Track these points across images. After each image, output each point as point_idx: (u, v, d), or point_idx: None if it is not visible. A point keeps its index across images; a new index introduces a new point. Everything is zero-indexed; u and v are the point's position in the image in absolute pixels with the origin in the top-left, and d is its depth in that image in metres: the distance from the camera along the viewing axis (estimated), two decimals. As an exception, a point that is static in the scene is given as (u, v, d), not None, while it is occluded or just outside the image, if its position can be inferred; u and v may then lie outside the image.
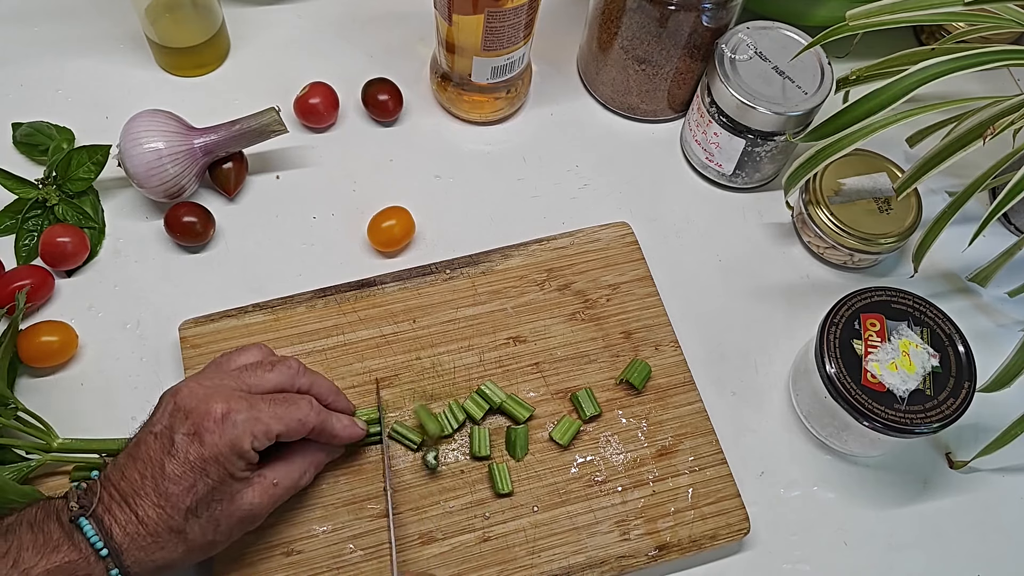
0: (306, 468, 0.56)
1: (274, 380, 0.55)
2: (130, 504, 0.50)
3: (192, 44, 0.76)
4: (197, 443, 0.50)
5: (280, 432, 0.53)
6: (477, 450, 0.61)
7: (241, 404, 0.52)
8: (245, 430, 0.51)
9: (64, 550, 0.48)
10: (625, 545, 0.60)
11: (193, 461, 0.50)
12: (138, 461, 0.51)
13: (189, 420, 0.51)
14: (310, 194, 0.74)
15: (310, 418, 0.55)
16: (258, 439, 0.52)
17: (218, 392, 0.52)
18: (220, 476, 0.51)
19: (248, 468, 0.52)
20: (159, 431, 0.51)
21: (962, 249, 0.66)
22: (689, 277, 0.72)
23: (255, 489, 0.53)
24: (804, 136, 0.66)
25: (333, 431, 0.57)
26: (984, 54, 0.61)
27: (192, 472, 0.50)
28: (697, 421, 0.64)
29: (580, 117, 0.80)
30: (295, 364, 0.57)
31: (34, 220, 0.69)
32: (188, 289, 0.69)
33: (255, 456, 0.52)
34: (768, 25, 0.72)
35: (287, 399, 0.55)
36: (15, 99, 0.76)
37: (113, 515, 0.49)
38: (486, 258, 0.69)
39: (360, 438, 0.59)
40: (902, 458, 0.67)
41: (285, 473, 0.55)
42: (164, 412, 0.52)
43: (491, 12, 0.66)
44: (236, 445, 0.51)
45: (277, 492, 0.54)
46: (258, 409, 0.52)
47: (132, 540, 0.49)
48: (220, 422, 0.51)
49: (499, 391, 0.63)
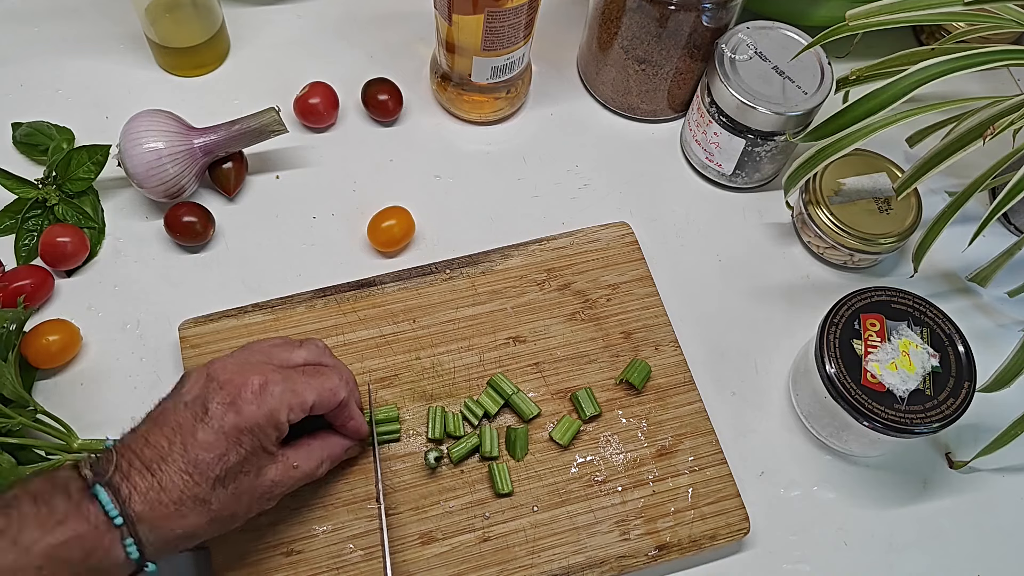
0: (323, 458, 0.56)
1: (303, 356, 0.56)
2: (154, 471, 0.48)
3: (192, 44, 0.76)
4: (233, 412, 0.50)
5: (315, 401, 0.53)
6: (488, 450, 0.61)
7: (276, 376, 0.52)
8: (283, 401, 0.51)
9: (71, 523, 0.46)
10: (625, 545, 0.60)
11: (228, 430, 0.50)
12: (165, 427, 0.50)
13: (224, 390, 0.51)
14: (310, 194, 0.74)
15: (340, 389, 0.55)
16: (294, 410, 0.52)
17: (252, 365, 0.53)
18: (252, 447, 0.51)
19: (277, 442, 0.52)
20: (190, 400, 0.51)
21: (962, 249, 0.66)
22: (689, 277, 0.72)
23: (278, 467, 0.53)
24: (804, 136, 0.66)
25: (352, 412, 0.57)
26: (984, 54, 0.61)
27: (226, 440, 0.50)
28: (697, 421, 0.64)
29: (580, 117, 0.80)
30: (321, 344, 0.58)
31: (34, 220, 0.69)
32: (188, 289, 0.69)
33: (287, 428, 0.52)
34: (768, 25, 0.72)
35: (318, 371, 0.55)
36: (15, 99, 0.76)
37: (132, 482, 0.48)
38: (486, 258, 0.69)
39: (364, 435, 0.60)
40: (902, 458, 0.67)
41: (305, 458, 0.55)
42: (195, 383, 0.52)
43: (491, 12, 0.66)
44: (274, 415, 0.51)
45: (295, 475, 0.54)
46: (293, 380, 0.53)
47: (152, 508, 0.48)
48: (258, 393, 0.51)
49: (509, 382, 0.63)
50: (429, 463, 0.60)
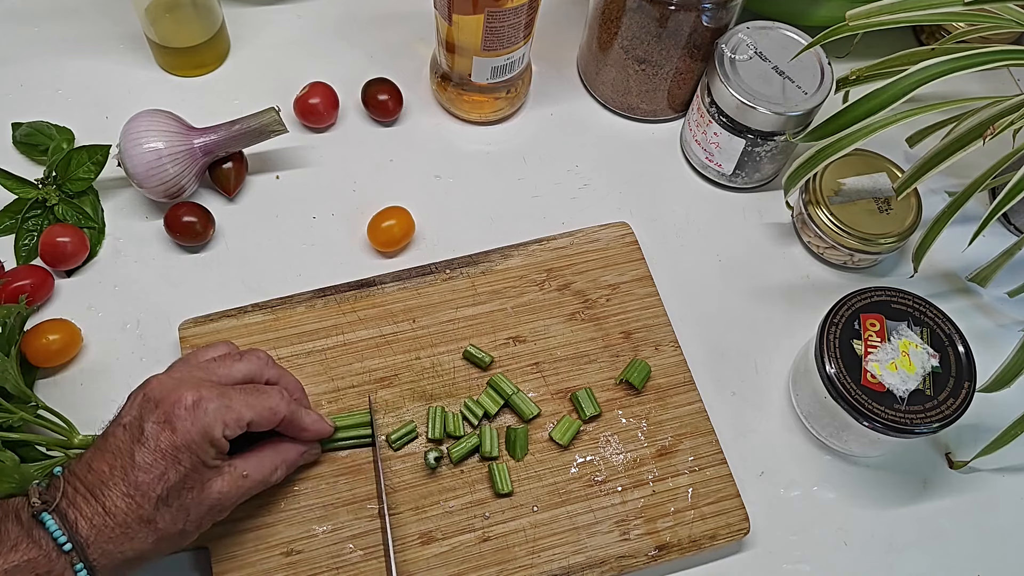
0: (277, 464, 0.56)
1: (243, 369, 0.55)
2: (97, 496, 0.49)
3: (192, 44, 0.76)
4: (168, 430, 0.50)
5: (251, 419, 0.53)
6: (488, 450, 0.61)
7: (212, 392, 0.52)
8: (216, 417, 0.51)
9: (23, 548, 0.47)
10: (625, 545, 0.60)
11: (164, 449, 0.50)
12: (106, 453, 0.50)
13: (159, 409, 0.50)
14: (310, 194, 0.74)
15: (280, 407, 0.55)
16: (229, 426, 0.52)
17: (188, 381, 0.52)
18: (192, 463, 0.50)
19: (219, 457, 0.52)
20: (128, 422, 0.51)
21: (962, 249, 0.66)
22: (689, 277, 0.72)
23: (224, 479, 0.52)
24: (804, 136, 0.66)
25: (302, 424, 0.57)
26: (984, 54, 0.61)
27: (163, 460, 0.50)
28: (697, 421, 0.64)
29: (580, 117, 0.80)
30: (263, 355, 0.57)
31: (34, 220, 0.69)
32: (188, 289, 0.69)
33: (226, 444, 0.52)
34: (768, 25, 0.72)
35: (258, 388, 0.55)
36: (15, 99, 0.76)
37: (78, 508, 0.49)
38: (486, 258, 0.69)
39: (328, 435, 0.59)
40: (902, 458, 0.67)
41: (256, 466, 0.54)
42: (133, 404, 0.52)
43: (491, 12, 0.66)
44: (208, 432, 0.50)
45: (246, 484, 0.54)
46: (229, 397, 0.52)
47: (99, 532, 0.48)
48: (191, 409, 0.50)
49: (509, 382, 0.63)
50: (429, 463, 0.60)
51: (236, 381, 0.55)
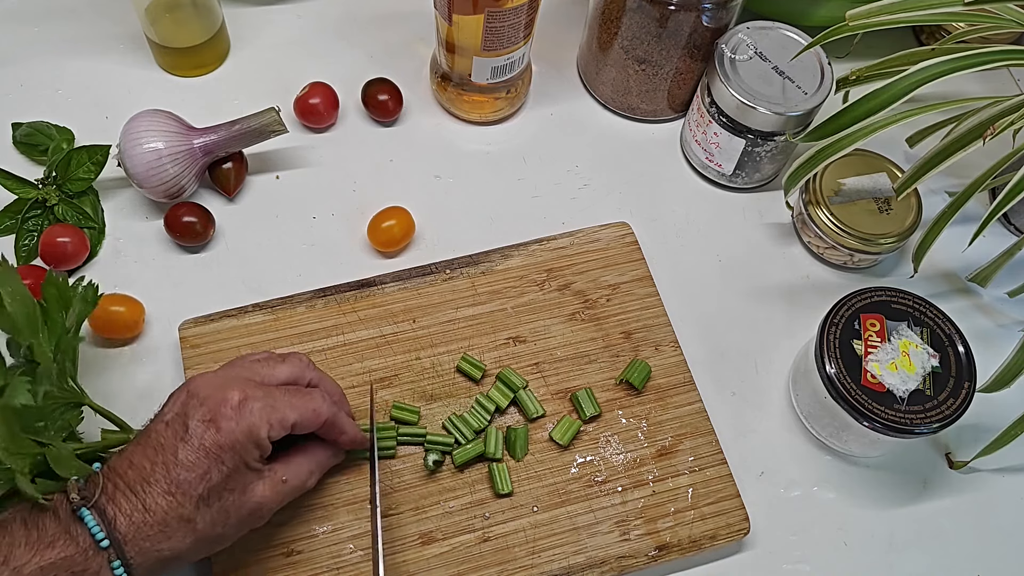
0: (313, 469, 0.56)
1: (286, 371, 0.55)
2: (137, 493, 0.48)
3: (192, 44, 0.76)
4: (213, 429, 0.50)
5: (296, 421, 0.53)
6: (492, 451, 0.61)
7: (257, 392, 0.52)
8: (262, 417, 0.51)
9: (60, 545, 0.46)
10: (625, 545, 0.60)
11: (208, 447, 0.49)
12: (148, 448, 0.50)
13: (204, 407, 0.50)
14: (310, 194, 0.74)
15: (324, 409, 0.54)
16: (274, 428, 0.51)
17: (234, 381, 0.52)
18: (235, 464, 0.50)
19: (261, 459, 0.52)
20: (171, 418, 0.51)
21: (962, 249, 0.66)
22: (689, 277, 0.72)
23: (265, 483, 0.52)
24: (804, 136, 0.66)
25: (343, 427, 0.57)
26: (984, 54, 0.61)
27: (207, 459, 0.49)
28: (697, 421, 0.64)
29: (580, 117, 0.80)
30: (305, 358, 0.57)
31: (34, 220, 0.69)
32: (188, 289, 0.69)
33: (269, 445, 0.52)
34: (768, 25, 0.72)
35: (301, 390, 0.55)
36: (15, 99, 0.76)
37: (118, 504, 0.48)
38: (486, 258, 0.69)
39: (364, 445, 0.59)
40: (902, 458, 0.67)
41: (295, 471, 0.54)
42: (176, 401, 0.52)
43: (491, 12, 0.66)
44: (253, 432, 0.50)
45: (285, 489, 0.54)
46: (274, 398, 0.52)
47: (138, 530, 0.48)
48: (237, 409, 0.50)
49: (519, 376, 0.63)
50: (428, 466, 0.60)
51: (279, 382, 0.55)
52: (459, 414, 0.62)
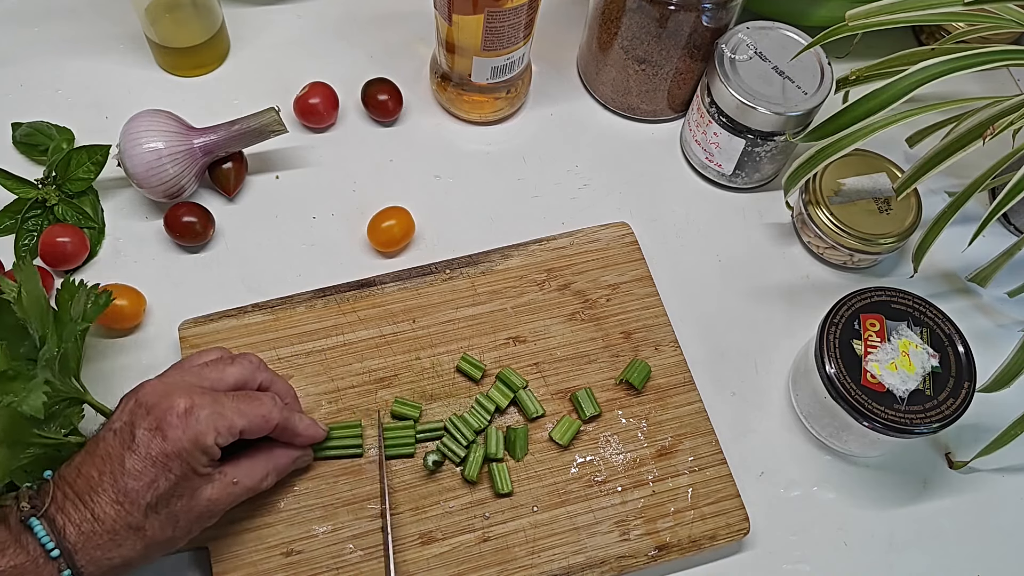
0: (268, 471, 0.56)
1: (235, 374, 0.55)
2: (86, 502, 0.48)
3: (192, 44, 0.76)
4: (159, 438, 0.49)
5: (243, 427, 0.52)
6: (493, 451, 0.61)
7: (204, 399, 0.51)
8: (209, 425, 0.51)
9: (10, 553, 0.47)
10: (625, 545, 0.60)
11: (155, 456, 0.49)
12: (96, 458, 0.50)
13: (151, 415, 0.50)
14: (310, 194, 0.74)
15: (273, 414, 0.54)
16: (221, 434, 0.51)
17: (180, 387, 0.52)
18: (182, 471, 0.50)
19: (210, 464, 0.52)
20: (119, 427, 0.50)
21: (962, 249, 0.66)
22: (689, 277, 0.72)
23: (215, 486, 0.52)
24: (804, 136, 0.66)
25: (295, 429, 0.56)
26: (984, 54, 0.61)
27: (154, 467, 0.49)
28: (697, 421, 0.64)
29: (580, 117, 0.80)
30: (255, 359, 0.57)
31: (34, 220, 0.69)
32: (188, 289, 0.69)
33: (217, 452, 0.52)
34: (768, 25, 0.72)
35: (250, 395, 0.54)
36: (15, 99, 0.76)
37: (67, 514, 0.48)
38: (486, 258, 0.69)
39: (322, 438, 0.59)
40: (902, 458, 0.67)
41: (247, 472, 0.54)
42: (124, 410, 0.51)
43: (491, 12, 0.66)
44: (199, 440, 0.50)
45: (236, 491, 0.53)
46: (221, 404, 0.52)
47: (88, 539, 0.48)
48: (183, 417, 0.50)
49: (519, 376, 0.63)
50: (428, 467, 0.60)
51: (228, 386, 0.54)
52: (459, 414, 0.62)
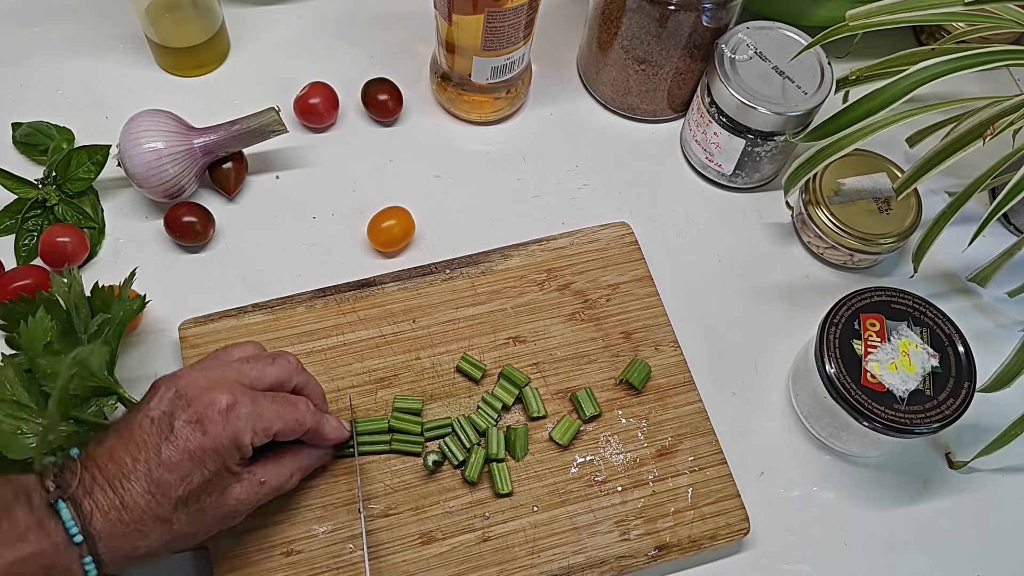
0: (294, 471, 0.56)
1: (274, 374, 0.55)
2: (116, 489, 0.47)
3: (192, 44, 0.76)
4: (199, 432, 0.49)
5: (279, 430, 0.53)
6: (494, 452, 0.61)
7: (245, 398, 0.51)
8: (247, 424, 0.51)
9: (32, 539, 0.45)
10: (625, 545, 0.60)
11: (193, 449, 0.49)
12: (130, 444, 0.49)
13: (192, 408, 0.50)
14: (310, 194, 0.74)
15: (307, 419, 0.55)
16: (258, 435, 0.51)
17: (222, 383, 0.52)
18: (216, 468, 0.50)
19: (241, 463, 0.52)
20: (157, 416, 0.50)
21: (962, 249, 0.66)
22: (689, 277, 0.72)
23: (243, 485, 0.52)
24: (804, 136, 0.66)
25: (324, 433, 0.57)
26: (984, 54, 0.61)
27: (190, 461, 0.49)
28: (697, 421, 0.64)
29: (580, 117, 0.80)
30: (294, 360, 0.57)
31: (34, 220, 0.69)
32: (188, 289, 0.69)
33: (250, 451, 0.52)
34: (768, 25, 0.72)
35: (287, 398, 0.55)
36: (15, 99, 0.76)
37: (95, 499, 0.47)
38: (486, 258, 0.69)
39: (346, 438, 0.59)
40: (902, 458, 0.67)
41: (274, 473, 0.54)
42: (163, 398, 0.51)
43: (491, 12, 0.66)
44: (237, 438, 0.50)
45: (263, 491, 0.53)
46: (261, 405, 0.52)
47: (114, 527, 0.47)
48: (225, 413, 0.50)
49: (521, 373, 0.64)
50: (428, 466, 0.60)
51: (267, 385, 0.54)
52: (466, 415, 0.62)
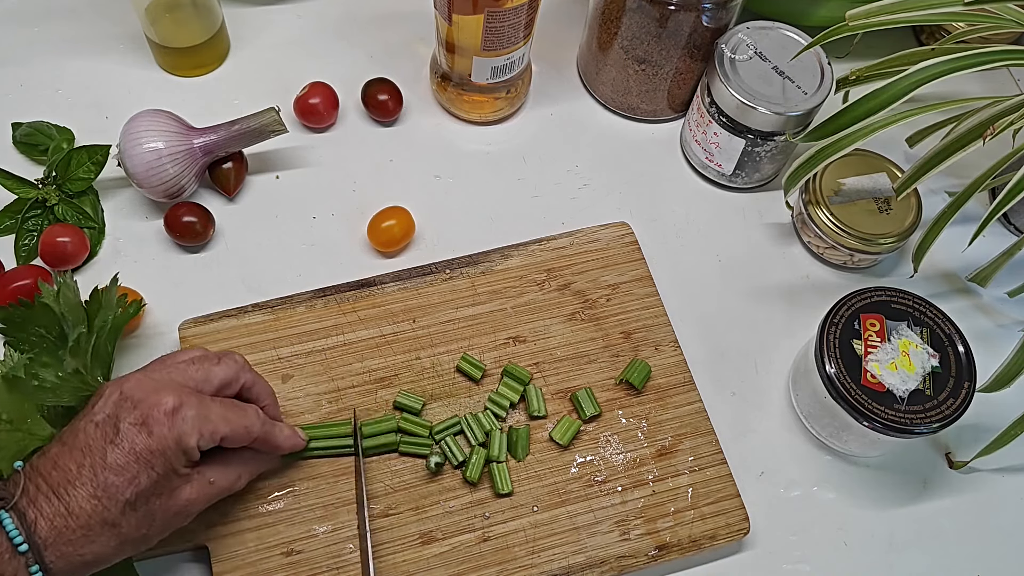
0: (241, 472, 0.56)
1: (220, 374, 0.54)
2: (61, 495, 0.47)
3: (192, 44, 0.76)
4: (145, 433, 0.49)
5: (226, 435, 0.52)
6: (496, 454, 0.61)
7: (191, 400, 0.51)
8: (193, 427, 0.50)
9: None
10: (625, 545, 0.60)
11: (139, 451, 0.48)
12: (75, 450, 0.48)
13: (137, 410, 0.49)
14: (310, 194, 0.74)
15: (255, 427, 0.54)
16: (204, 438, 0.51)
17: (168, 385, 0.51)
18: (163, 470, 0.49)
19: (188, 465, 0.51)
20: (101, 419, 0.49)
21: (962, 249, 0.66)
22: (689, 277, 0.72)
23: (192, 486, 0.52)
24: (804, 136, 0.66)
25: (276, 441, 0.56)
26: (984, 54, 0.61)
27: (137, 463, 0.48)
28: (697, 421, 0.64)
29: (580, 117, 0.80)
30: (240, 359, 0.56)
31: (34, 220, 0.69)
32: (188, 289, 0.69)
33: (197, 454, 0.51)
34: (768, 25, 0.72)
35: (236, 404, 0.54)
36: (15, 99, 0.76)
37: (39, 507, 0.47)
38: (486, 258, 0.69)
39: (301, 448, 0.59)
40: (902, 458, 0.67)
41: (222, 474, 0.54)
42: (107, 401, 0.50)
43: (491, 12, 0.66)
44: (183, 440, 0.50)
45: (212, 491, 0.53)
46: (208, 408, 0.51)
47: (59, 534, 0.47)
48: (170, 415, 0.49)
49: (523, 370, 0.64)
50: (430, 468, 0.60)
51: (214, 387, 0.54)
52: (473, 414, 0.62)
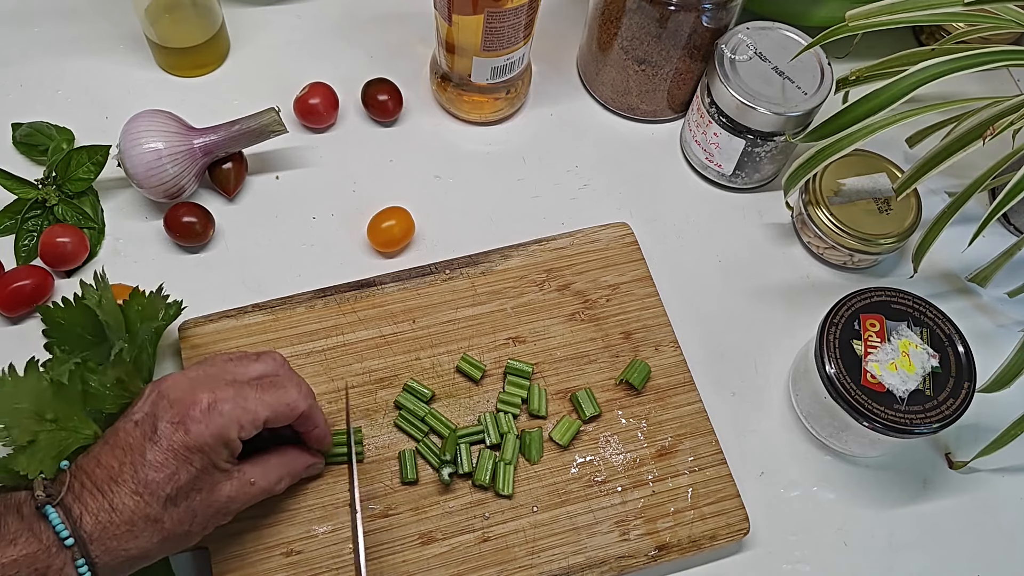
0: (283, 475, 0.56)
1: (258, 369, 0.55)
2: (104, 492, 0.48)
3: (192, 44, 0.76)
4: (182, 431, 0.49)
5: (268, 417, 0.52)
6: (508, 456, 0.61)
7: (227, 392, 0.51)
8: (232, 419, 0.51)
9: (21, 542, 0.46)
10: (625, 545, 0.60)
11: (177, 448, 0.49)
12: (116, 448, 0.50)
13: (174, 409, 0.50)
14: (310, 194, 0.74)
15: (299, 402, 0.54)
16: (245, 427, 0.51)
17: (203, 382, 0.52)
18: (203, 465, 0.50)
19: (230, 460, 0.52)
20: (140, 419, 0.50)
21: (962, 249, 0.66)
22: (689, 277, 0.72)
23: (233, 484, 0.52)
24: (804, 136, 0.66)
25: (317, 422, 0.56)
26: (984, 54, 0.61)
27: (175, 459, 0.49)
28: (697, 421, 0.64)
29: (580, 117, 0.80)
30: (279, 356, 0.57)
31: (34, 220, 0.69)
32: (188, 289, 0.69)
33: (239, 446, 0.52)
34: (768, 25, 0.72)
35: (274, 383, 0.54)
36: (15, 99, 0.76)
37: (84, 503, 0.48)
38: (486, 258, 0.69)
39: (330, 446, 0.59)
40: (902, 458, 0.67)
41: (263, 474, 0.54)
42: (146, 401, 0.51)
43: (491, 12, 0.66)
44: (222, 434, 0.50)
45: (252, 491, 0.53)
46: (244, 396, 0.52)
47: (104, 529, 0.48)
48: (207, 412, 0.50)
49: (523, 362, 0.64)
50: (444, 480, 0.59)
51: (251, 379, 0.54)
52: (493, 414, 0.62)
